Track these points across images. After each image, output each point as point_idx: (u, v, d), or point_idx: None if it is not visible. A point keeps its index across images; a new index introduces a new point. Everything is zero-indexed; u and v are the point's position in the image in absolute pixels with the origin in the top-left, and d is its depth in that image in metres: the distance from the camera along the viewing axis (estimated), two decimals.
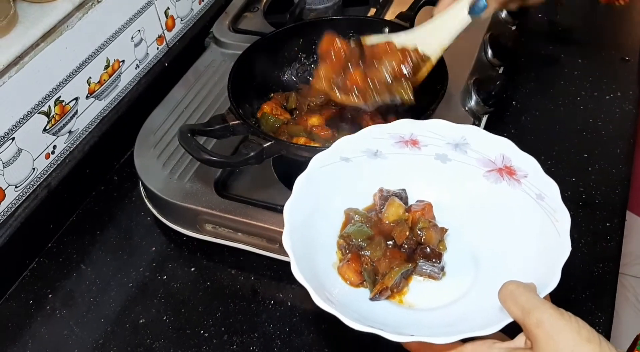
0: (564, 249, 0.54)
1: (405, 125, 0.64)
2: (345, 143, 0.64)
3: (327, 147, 0.64)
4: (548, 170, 0.88)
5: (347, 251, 0.63)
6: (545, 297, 0.51)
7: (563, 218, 0.56)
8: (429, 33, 0.71)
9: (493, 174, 0.63)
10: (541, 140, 0.94)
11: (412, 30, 0.74)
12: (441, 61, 0.78)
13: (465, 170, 0.65)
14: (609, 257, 0.79)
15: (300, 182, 0.61)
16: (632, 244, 1.93)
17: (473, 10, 0.65)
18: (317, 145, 0.77)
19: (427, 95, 0.79)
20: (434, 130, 0.64)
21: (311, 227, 0.62)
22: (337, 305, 0.53)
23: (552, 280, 0.52)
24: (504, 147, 0.62)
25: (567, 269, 0.76)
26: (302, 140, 0.77)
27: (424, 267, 0.61)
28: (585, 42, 1.12)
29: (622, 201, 0.85)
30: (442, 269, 0.62)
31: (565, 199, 0.84)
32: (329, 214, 0.64)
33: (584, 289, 0.76)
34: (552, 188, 0.59)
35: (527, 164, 0.61)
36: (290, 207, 0.59)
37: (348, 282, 0.61)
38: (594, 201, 0.85)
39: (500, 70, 1.00)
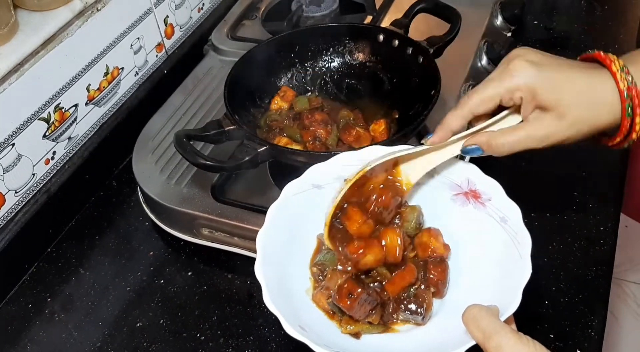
0: (525, 272, 0.56)
1: (374, 152, 0.66)
2: (317, 171, 0.66)
3: (322, 154, 0.65)
4: (542, 175, 0.90)
5: (321, 279, 0.63)
6: (508, 319, 0.53)
7: (525, 241, 0.58)
8: (417, 161, 0.67)
9: (460, 197, 0.66)
10: None
11: (402, 153, 0.67)
12: (434, 67, 0.79)
13: (433, 194, 0.67)
14: (603, 261, 0.79)
15: (272, 211, 0.63)
16: (633, 250, 1.93)
17: (465, 152, 0.64)
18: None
19: (421, 101, 0.80)
20: None
21: (285, 255, 0.63)
22: (309, 333, 0.55)
23: (513, 302, 0.54)
24: (469, 172, 0.65)
25: (560, 273, 0.78)
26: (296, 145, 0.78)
27: (409, 317, 0.61)
28: (580, 48, 1.13)
29: (615, 206, 0.86)
30: (425, 316, 0.61)
31: (559, 204, 0.86)
32: (302, 242, 0.66)
33: (577, 293, 0.76)
34: (514, 211, 0.61)
35: (491, 187, 0.63)
36: (263, 237, 0.61)
37: (322, 309, 0.62)
38: (588, 205, 0.86)
39: None
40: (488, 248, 0.62)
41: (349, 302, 0.58)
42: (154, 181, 0.85)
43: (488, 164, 0.90)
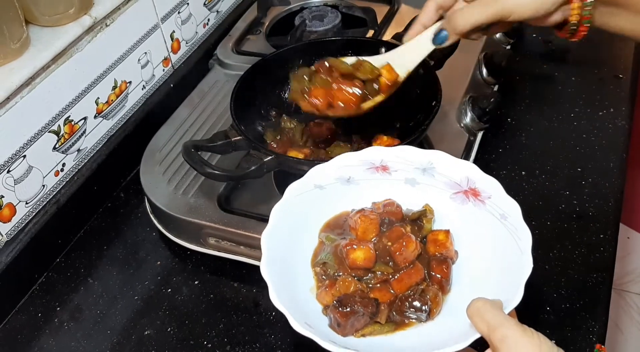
0: (526, 267, 0.57)
1: (375, 152, 0.68)
2: (319, 171, 0.67)
3: (325, 161, 0.67)
4: (542, 184, 0.91)
5: (324, 278, 0.64)
6: (510, 313, 0.54)
7: (525, 236, 0.59)
8: (397, 58, 0.77)
9: (459, 195, 0.67)
10: (536, 155, 0.96)
11: (384, 56, 0.79)
12: (435, 78, 0.81)
13: (433, 193, 0.68)
14: (603, 268, 0.81)
15: (276, 211, 0.64)
16: (635, 262, 1.94)
17: (436, 40, 0.72)
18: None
19: (422, 112, 0.82)
20: (403, 156, 0.68)
21: (289, 254, 0.64)
22: (316, 330, 0.55)
23: (515, 296, 0.55)
24: (468, 170, 0.66)
25: (561, 280, 0.79)
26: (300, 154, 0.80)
27: (410, 315, 0.62)
28: (578, 60, 1.15)
29: (615, 214, 0.87)
30: (429, 312, 0.62)
31: (560, 211, 0.87)
32: (305, 241, 0.67)
33: (578, 299, 0.77)
34: (513, 208, 0.62)
35: (490, 185, 0.64)
36: (267, 237, 0.62)
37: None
38: (588, 213, 0.87)
39: (495, 88, 1.03)
40: (489, 244, 0.63)
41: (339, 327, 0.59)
42: (161, 191, 0.87)
43: (492, 176, 0.92)
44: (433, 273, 0.63)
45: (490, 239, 0.63)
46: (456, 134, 0.90)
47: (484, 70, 1.01)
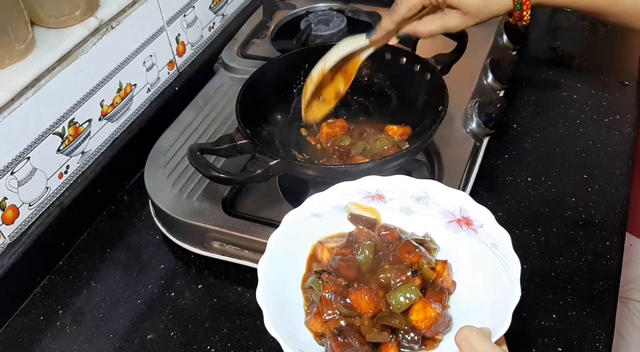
0: (515, 295, 0.57)
1: (371, 182, 0.68)
2: (316, 200, 0.68)
3: (331, 168, 0.67)
4: (548, 191, 0.91)
5: (312, 304, 0.64)
6: (499, 341, 0.55)
7: (514, 266, 0.60)
8: (335, 49, 0.85)
9: (453, 224, 0.67)
10: (542, 161, 0.96)
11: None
12: (442, 83, 0.81)
13: (428, 222, 0.69)
14: (609, 275, 0.80)
15: (273, 239, 0.65)
16: (638, 269, 1.93)
17: (368, 35, 0.82)
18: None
19: (429, 117, 0.81)
20: (398, 185, 0.68)
21: (285, 282, 0.65)
22: None
23: (503, 324, 0.55)
24: (461, 200, 0.66)
25: (567, 287, 0.78)
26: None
27: (404, 344, 0.61)
28: (584, 67, 1.15)
29: (621, 221, 0.87)
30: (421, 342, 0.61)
31: (566, 218, 0.87)
32: (301, 269, 0.67)
33: (584, 307, 0.77)
34: (504, 237, 0.63)
35: (482, 214, 0.65)
36: (264, 264, 0.62)
37: (315, 335, 0.62)
38: (594, 220, 0.87)
39: (501, 94, 1.02)
40: (481, 273, 0.64)
41: None
42: (165, 194, 0.87)
43: (498, 182, 0.92)
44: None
45: (482, 268, 0.64)
46: (462, 139, 0.90)
47: (490, 76, 1.00)
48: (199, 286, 0.84)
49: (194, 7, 1.08)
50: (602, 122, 1.02)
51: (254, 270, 0.83)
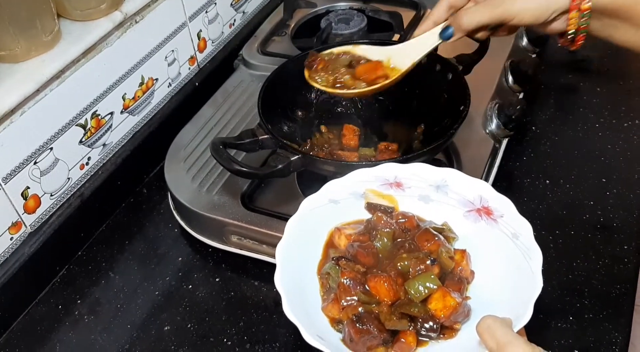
0: (536, 286, 0.57)
1: (389, 169, 0.68)
2: (334, 186, 0.68)
3: (352, 164, 0.67)
4: (567, 194, 0.91)
5: (329, 290, 0.64)
6: (520, 331, 0.54)
7: (536, 256, 0.59)
8: (404, 49, 0.81)
9: (472, 214, 0.67)
10: (560, 164, 0.96)
11: (391, 47, 0.83)
12: (463, 84, 0.81)
13: (447, 211, 0.68)
14: (626, 279, 0.80)
15: (291, 224, 0.65)
16: None
17: (442, 35, 0.76)
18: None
19: (449, 117, 0.82)
20: (417, 173, 0.68)
21: (303, 267, 0.65)
22: (327, 343, 0.56)
23: (524, 315, 0.55)
24: (481, 189, 0.66)
25: (585, 290, 0.78)
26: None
27: (423, 333, 0.61)
28: (604, 71, 1.15)
29: (639, 225, 0.86)
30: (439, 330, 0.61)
31: (584, 221, 0.87)
32: (318, 254, 0.67)
33: (601, 310, 0.77)
34: (525, 227, 0.62)
35: (503, 204, 0.64)
36: (282, 248, 0.62)
37: (332, 321, 0.62)
38: (612, 224, 0.86)
39: (521, 96, 1.02)
40: (501, 263, 0.63)
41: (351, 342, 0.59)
42: (185, 188, 0.87)
43: (516, 184, 0.92)
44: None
45: (502, 258, 0.63)
46: (481, 140, 0.90)
47: (510, 78, 1.00)
48: (217, 279, 0.85)
49: (215, 3, 1.09)
50: (621, 126, 1.01)
51: (272, 265, 0.83)
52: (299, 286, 0.62)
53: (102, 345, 0.79)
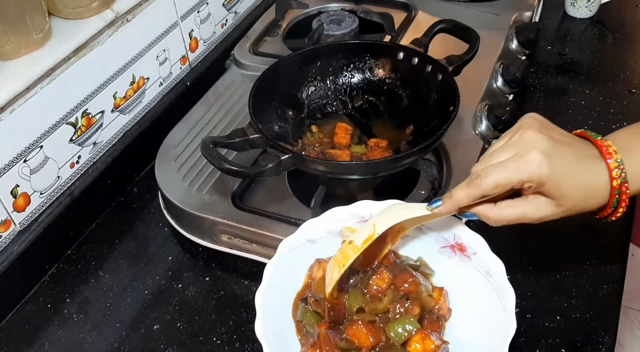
0: (510, 326, 0.58)
1: (365, 206, 0.69)
2: (310, 226, 0.69)
3: (342, 164, 0.67)
4: None
5: (306, 335, 0.64)
6: None
7: (509, 296, 0.60)
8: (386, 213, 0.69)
9: (447, 249, 0.68)
10: None
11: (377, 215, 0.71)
12: (453, 84, 0.82)
13: (422, 247, 0.69)
14: (613, 279, 0.81)
15: (270, 268, 0.65)
16: (639, 278, 1.93)
17: (430, 204, 0.65)
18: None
19: (439, 117, 0.82)
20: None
21: (283, 310, 0.65)
22: None
23: None
24: (454, 226, 0.67)
25: (572, 289, 0.79)
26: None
27: None
28: (593, 74, 1.16)
29: (625, 226, 0.87)
30: None
31: (571, 220, 0.87)
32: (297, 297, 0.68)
33: (588, 309, 0.77)
34: (498, 266, 0.63)
35: (476, 242, 0.66)
36: (262, 295, 0.63)
37: None
38: (599, 225, 0.87)
39: (510, 98, 1.03)
40: (476, 301, 0.64)
41: None
42: (175, 187, 0.87)
43: None
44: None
45: (477, 296, 0.64)
46: (471, 141, 0.91)
47: (500, 80, 1.01)
48: (206, 278, 0.85)
49: (207, 3, 1.09)
50: (609, 129, 1.01)
51: (262, 264, 0.83)
52: (279, 330, 0.63)
53: (92, 344, 0.79)
